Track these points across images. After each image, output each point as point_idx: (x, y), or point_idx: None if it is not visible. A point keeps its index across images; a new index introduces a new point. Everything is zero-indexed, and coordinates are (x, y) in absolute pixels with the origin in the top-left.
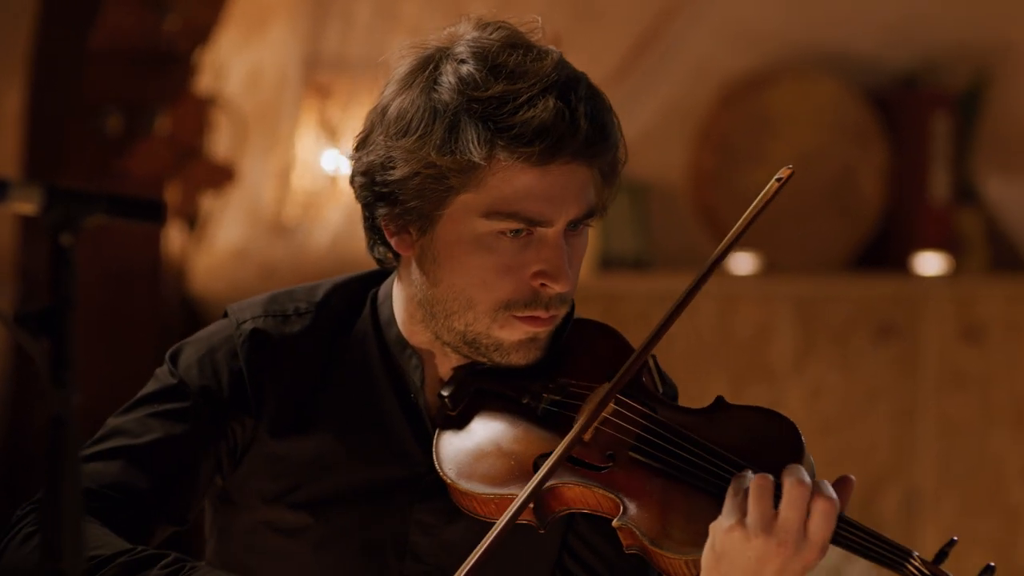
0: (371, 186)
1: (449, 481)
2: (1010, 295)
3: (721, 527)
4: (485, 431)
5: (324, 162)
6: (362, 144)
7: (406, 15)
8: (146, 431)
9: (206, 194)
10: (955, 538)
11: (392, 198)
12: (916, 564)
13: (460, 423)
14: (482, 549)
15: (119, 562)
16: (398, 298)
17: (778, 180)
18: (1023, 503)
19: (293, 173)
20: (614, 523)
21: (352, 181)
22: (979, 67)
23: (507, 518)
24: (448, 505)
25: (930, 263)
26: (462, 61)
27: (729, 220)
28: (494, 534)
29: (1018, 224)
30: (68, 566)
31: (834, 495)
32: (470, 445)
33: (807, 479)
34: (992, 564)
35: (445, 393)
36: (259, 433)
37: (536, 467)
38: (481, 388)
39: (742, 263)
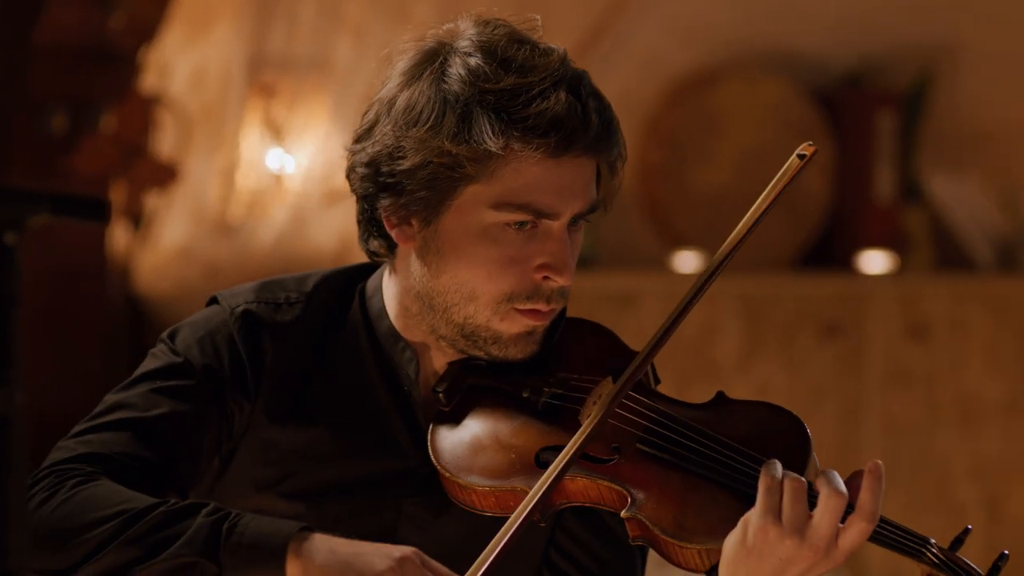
0: (375, 177)
1: (447, 475)
2: (955, 293)
3: (755, 523)
4: (483, 425)
5: (269, 161)
6: (366, 135)
7: (350, 15)
8: (152, 406)
9: (151, 193)
10: (969, 527)
11: (398, 188)
12: (934, 551)
13: (455, 417)
14: (499, 547)
15: (160, 512)
16: (390, 292)
17: (800, 157)
18: (968, 501)
19: (238, 172)
20: (623, 514)
21: (351, 173)
22: (923, 66)
23: (524, 514)
24: (440, 499)
25: (875, 261)
26: (469, 54)
27: (676, 217)
28: (511, 531)
29: (962, 222)
30: (15, 565)
31: (875, 514)
32: (468, 439)
33: (843, 489)
34: (1006, 552)
35: (439, 388)
36: (255, 418)
37: (539, 460)
38: (476, 383)
39: (687, 262)
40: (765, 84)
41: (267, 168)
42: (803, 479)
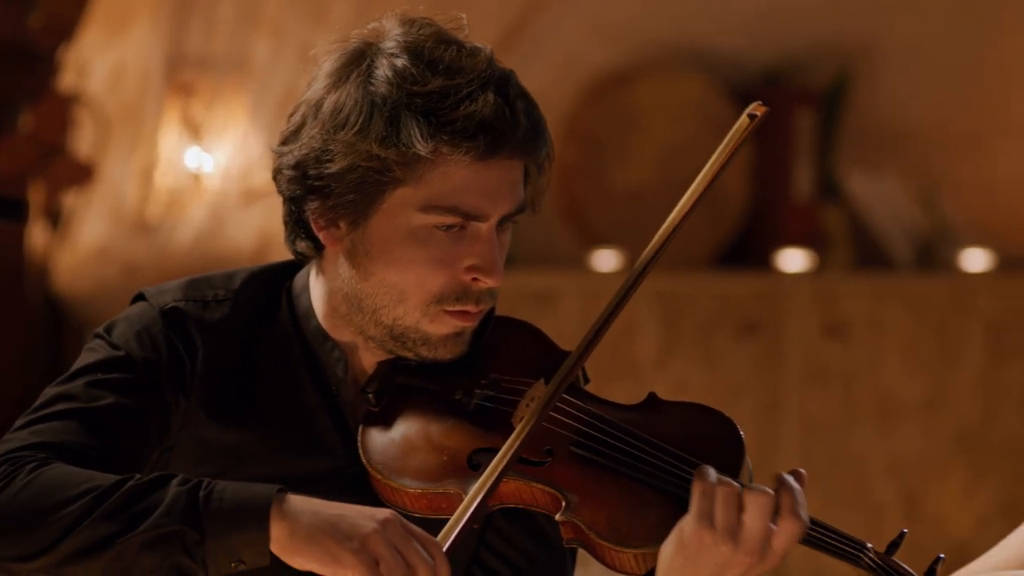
0: (302, 179)
1: (378, 476)
2: (873, 291)
3: (689, 529)
4: (413, 426)
5: (187, 160)
6: (293, 138)
7: (268, 15)
8: (96, 398)
9: (69, 192)
10: (905, 530)
11: (326, 191)
12: (871, 556)
13: (385, 418)
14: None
15: (129, 486)
16: (318, 292)
17: (751, 116)
18: (886, 499)
19: (156, 171)
20: (557, 517)
21: (277, 175)
22: (842, 64)
23: (465, 520)
24: (370, 500)
25: (793, 260)
26: (395, 55)
27: (594, 216)
28: (453, 536)
29: (880, 220)
30: None
31: (803, 512)
32: (398, 440)
33: (769, 490)
34: (942, 555)
35: (369, 389)
36: (190, 415)
37: (471, 462)
38: (405, 383)
39: (606, 260)
40: (683, 82)
41: (185, 167)
42: (736, 484)
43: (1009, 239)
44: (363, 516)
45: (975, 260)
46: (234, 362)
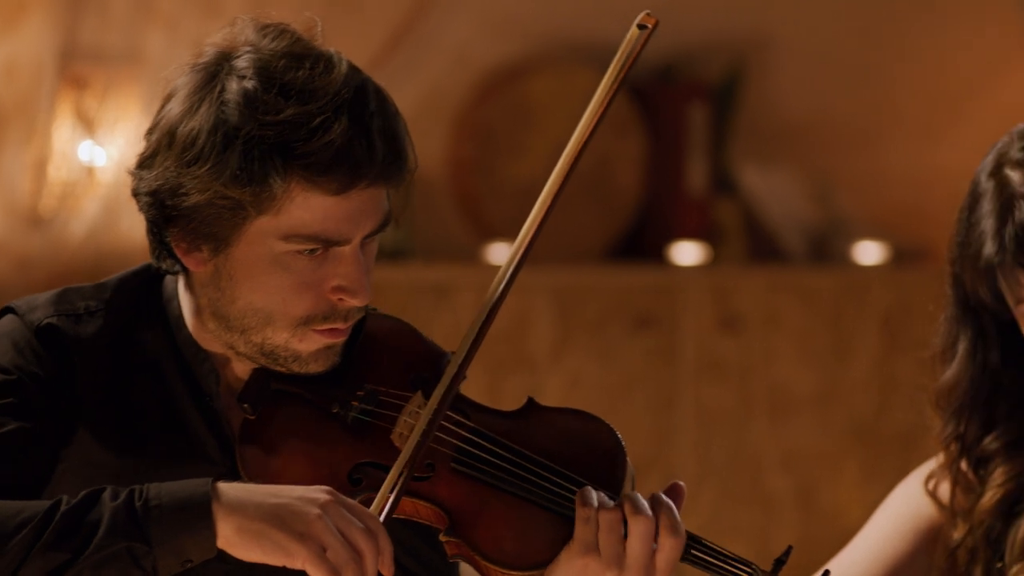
0: (160, 207)
1: None
2: (767, 284)
3: (576, 556)
4: (291, 440)
5: (81, 153)
6: (148, 163)
7: (162, 7)
8: None
9: None
10: (791, 546)
11: (184, 220)
12: (756, 571)
13: (263, 429)
14: None
15: (63, 513)
16: (186, 303)
17: (640, 27)
18: (781, 492)
19: (50, 164)
20: (440, 536)
21: (136, 196)
22: (735, 58)
23: None
24: None
25: (688, 253)
26: (246, 77)
27: (488, 209)
28: None
29: (773, 213)
30: None
31: (680, 527)
32: (276, 453)
33: (649, 512)
34: (791, 546)
35: (244, 399)
36: (73, 433)
37: (351, 478)
38: (281, 389)
39: (501, 254)
40: (576, 76)
41: (79, 160)
42: (617, 510)
43: (901, 232)
44: (304, 501)
45: (868, 253)
46: (111, 377)
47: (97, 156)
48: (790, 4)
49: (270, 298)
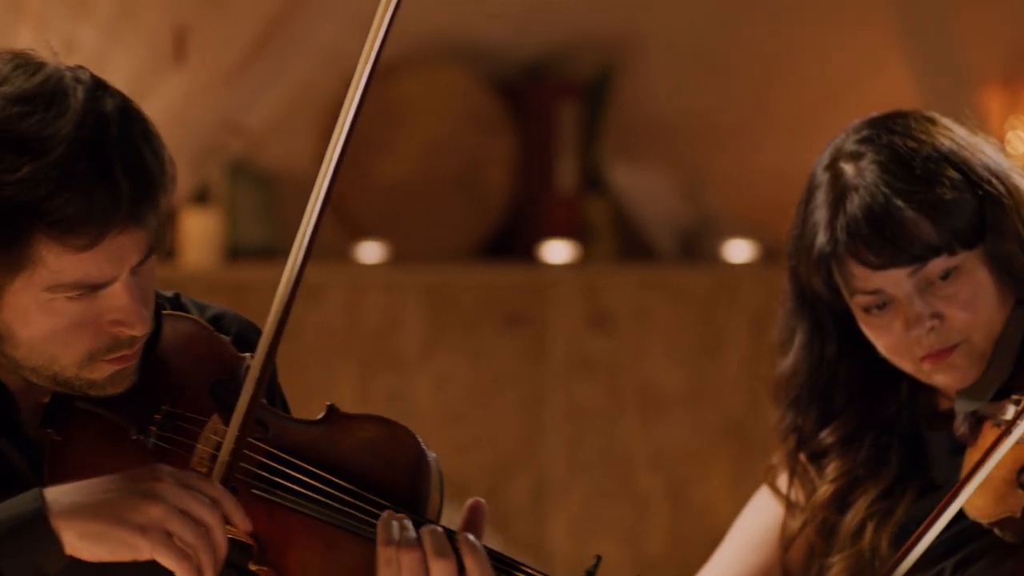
0: None
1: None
2: (637, 282)
3: None
4: (98, 460)
5: None
6: None
7: (31, 7)
8: None
9: None
10: (600, 556)
11: None
12: None
13: (69, 450)
14: None
15: None
16: None
17: None
18: (651, 489)
19: None
20: (251, 565)
21: None
22: (605, 56)
23: None
24: None
25: (558, 251)
26: None
27: (357, 208)
28: None
29: (644, 211)
30: None
31: (482, 555)
32: (84, 475)
33: (451, 554)
34: (599, 556)
35: (47, 424)
36: None
37: None
38: (85, 409)
39: (370, 252)
40: (446, 75)
41: None
42: (418, 550)
43: (771, 230)
44: (137, 492)
45: (738, 251)
46: None
47: None
48: (660, 2)
49: (51, 341)
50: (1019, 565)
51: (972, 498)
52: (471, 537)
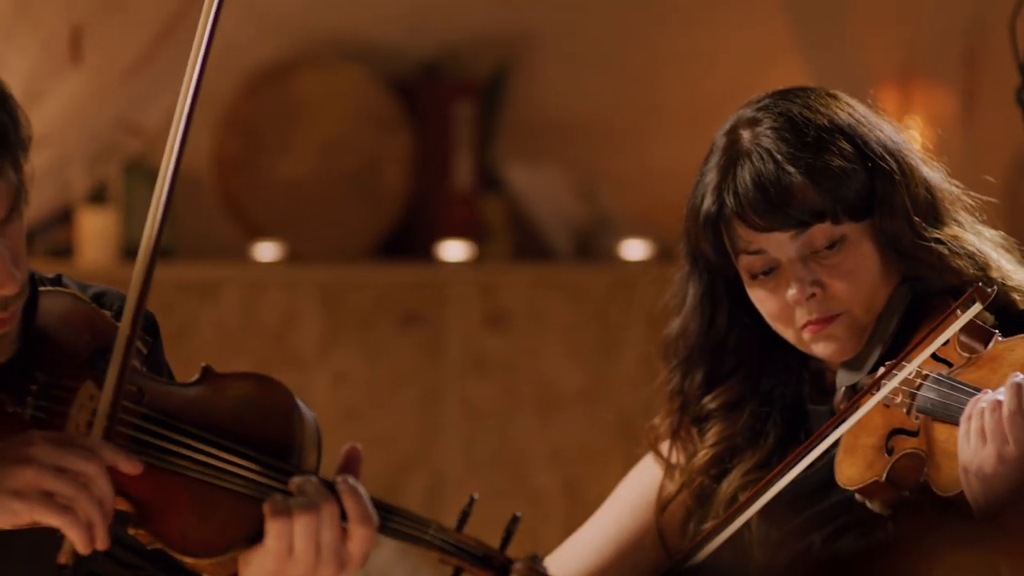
0: None
1: None
2: (533, 281)
3: (271, 557)
4: None
5: None
6: None
7: None
8: None
9: None
10: (475, 495)
11: None
12: (435, 535)
13: None
14: None
15: None
16: None
17: None
18: (547, 487)
19: None
20: (130, 529)
21: None
22: (501, 55)
23: None
24: None
25: (454, 250)
26: None
27: (254, 207)
28: None
29: (540, 211)
30: None
31: (372, 515)
32: None
33: (328, 495)
34: (518, 514)
35: None
36: None
37: None
38: None
39: (266, 251)
40: (342, 74)
41: None
42: (312, 514)
43: (667, 229)
44: (9, 459)
45: (634, 250)
46: None
47: None
48: (556, 2)
49: None
50: (888, 536)
51: (843, 467)
52: (350, 479)
